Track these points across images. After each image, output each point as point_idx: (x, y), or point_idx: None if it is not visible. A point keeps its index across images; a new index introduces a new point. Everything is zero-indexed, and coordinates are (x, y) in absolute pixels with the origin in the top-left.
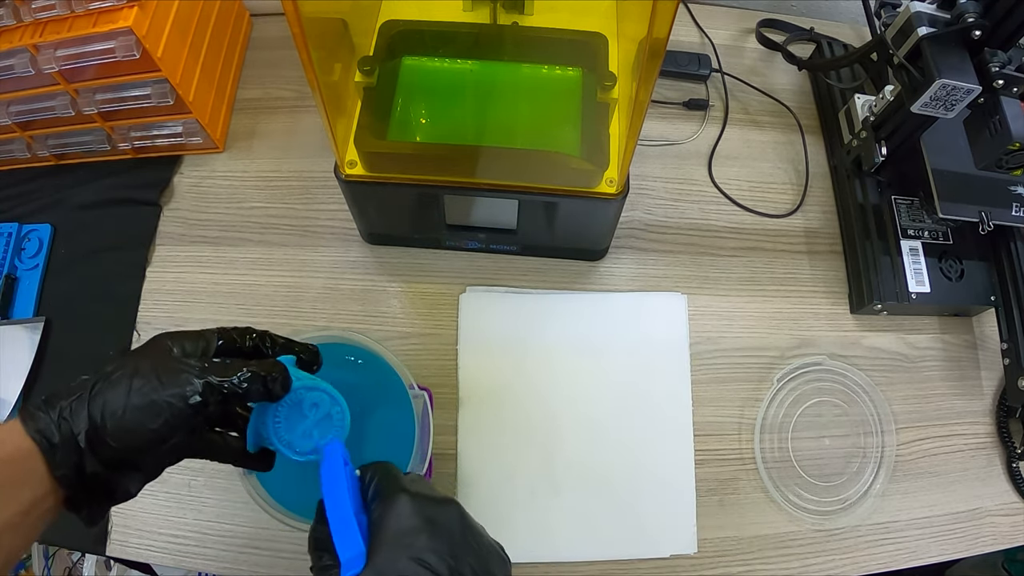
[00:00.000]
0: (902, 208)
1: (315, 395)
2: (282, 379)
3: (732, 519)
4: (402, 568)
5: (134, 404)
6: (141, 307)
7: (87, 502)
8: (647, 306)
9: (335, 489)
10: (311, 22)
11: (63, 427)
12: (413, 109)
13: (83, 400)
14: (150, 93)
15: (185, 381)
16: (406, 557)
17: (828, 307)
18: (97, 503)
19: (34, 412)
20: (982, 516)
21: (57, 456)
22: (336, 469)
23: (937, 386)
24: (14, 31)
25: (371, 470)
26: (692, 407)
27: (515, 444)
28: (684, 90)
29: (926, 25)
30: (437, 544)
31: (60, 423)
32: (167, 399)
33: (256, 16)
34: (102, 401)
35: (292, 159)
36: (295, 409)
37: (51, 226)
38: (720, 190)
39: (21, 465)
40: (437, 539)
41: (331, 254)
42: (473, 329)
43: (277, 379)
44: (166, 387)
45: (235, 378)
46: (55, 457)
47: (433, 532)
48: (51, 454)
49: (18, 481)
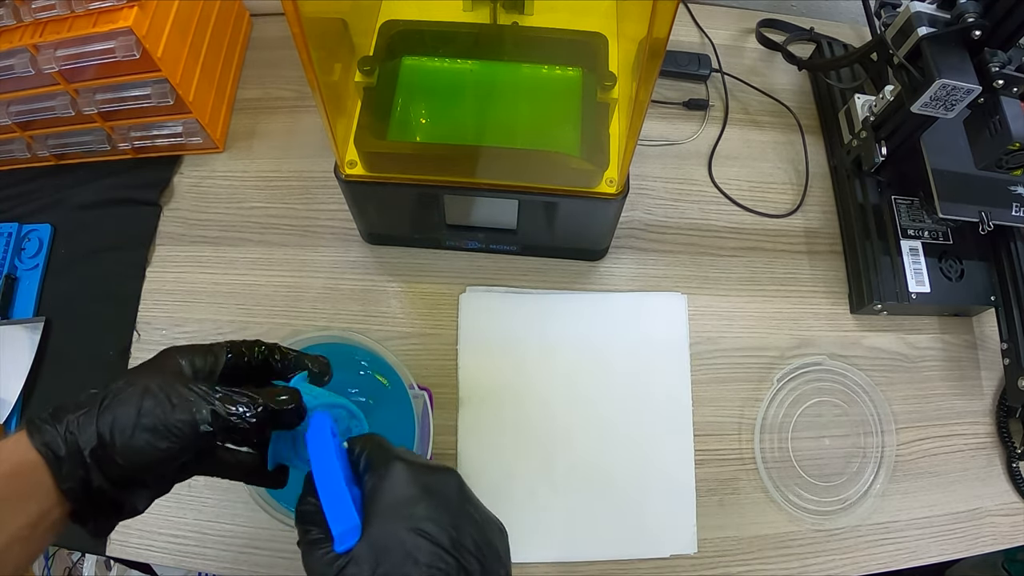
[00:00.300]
0: (902, 208)
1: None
2: (296, 409)
3: (732, 519)
4: (402, 538)
5: (143, 424)
6: (141, 307)
7: (94, 515)
8: (647, 306)
9: (324, 459)
10: (311, 22)
11: (70, 440)
12: (413, 109)
13: (91, 415)
14: (150, 93)
15: (196, 407)
16: (404, 528)
17: (828, 307)
18: (104, 517)
19: (40, 425)
20: (982, 516)
21: (63, 470)
22: (324, 439)
23: (937, 386)
24: (14, 31)
25: (360, 442)
26: (692, 407)
27: (515, 444)
28: (684, 90)
29: (926, 25)
30: (437, 513)
31: (67, 436)
32: (176, 423)
33: (256, 16)
34: (111, 418)
35: (292, 159)
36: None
37: (51, 226)
38: (720, 190)
39: (28, 478)
40: (436, 508)
41: (331, 254)
42: (473, 329)
43: (291, 410)
44: (176, 411)
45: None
46: (61, 471)
47: (432, 501)
48: (57, 467)
49: (25, 494)
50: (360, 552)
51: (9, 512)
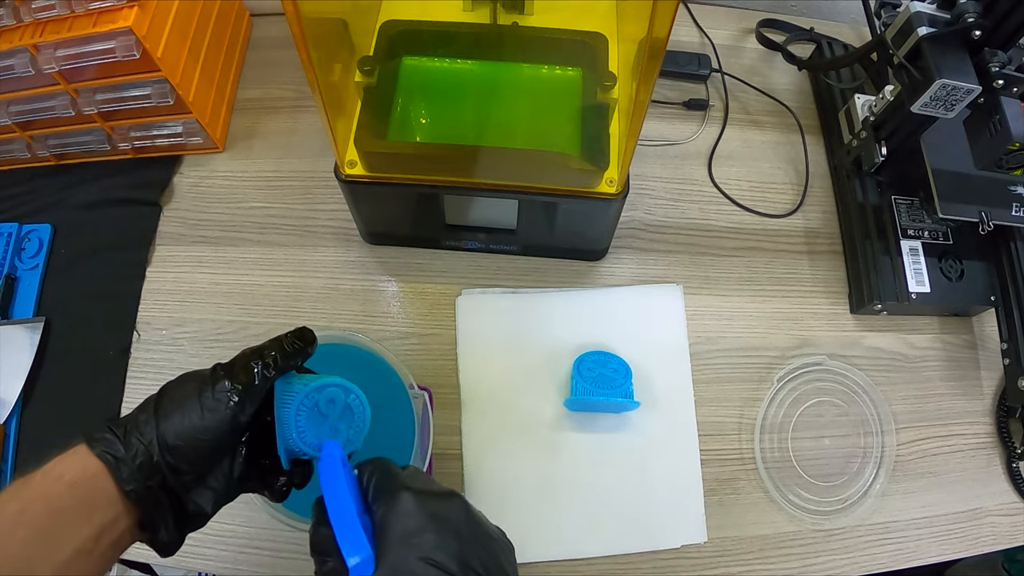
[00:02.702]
0: (902, 208)
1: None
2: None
3: (732, 519)
4: (413, 568)
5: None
6: (141, 307)
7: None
8: (644, 299)
9: (336, 491)
10: (311, 22)
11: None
12: (413, 109)
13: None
14: (150, 93)
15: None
16: (415, 557)
17: (828, 307)
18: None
19: (98, 436)
20: (982, 516)
21: (124, 472)
22: (335, 470)
23: (937, 386)
24: (14, 31)
25: (368, 468)
26: (694, 403)
27: (518, 444)
28: (684, 90)
29: (926, 25)
30: (444, 541)
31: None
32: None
33: (256, 16)
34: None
35: (292, 159)
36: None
37: (51, 226)
38: (720, 190)
39: (89, 486)
40: (444, 536)
41: (331, 254)
42: (471, 331)
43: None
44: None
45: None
46: (122, 473)
47: (439, 529)
48: (118, 470)
49: (88, 502)
50: None
51: (74, 522)
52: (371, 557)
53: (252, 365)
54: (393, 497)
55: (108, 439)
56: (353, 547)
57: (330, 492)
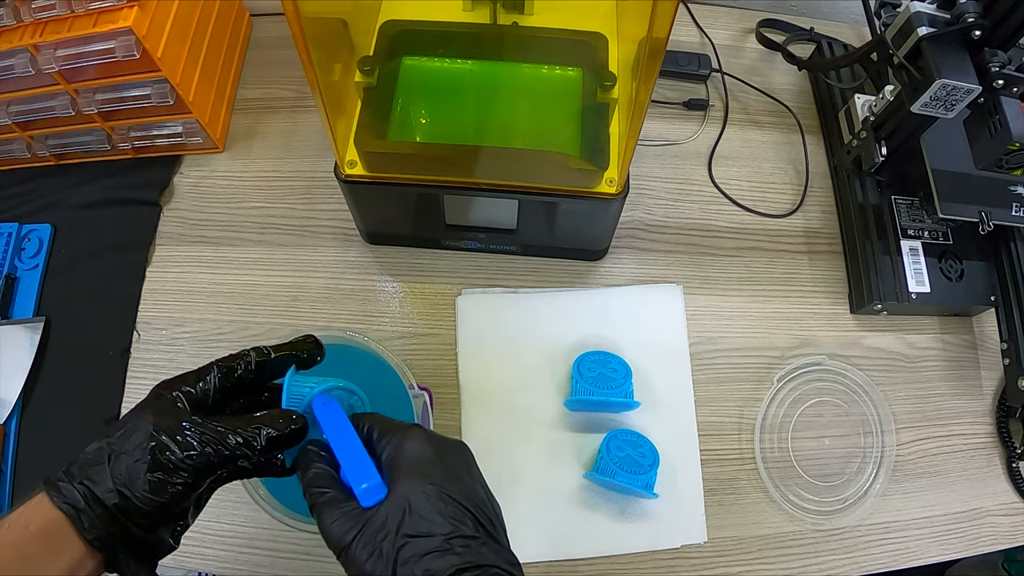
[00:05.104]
0: (902, 208)
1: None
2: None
3: (732, 519)
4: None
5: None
6: (141, 307)
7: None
8: (644, 298)
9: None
10: (311, 22)
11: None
12: (413, 109)
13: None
14: (150, 93)
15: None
16: (426, 485)
17: (828, 307)
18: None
19: (57, 483)
20: (982, 516)
21: (86, 523)
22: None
23: (937, 386)
24: (14, 31)
25: (364, 418)
26: (694, 403)
27: (518, 444)
28: (684, 90)
29: (926, 25)
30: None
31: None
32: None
33: (256, 16)
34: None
35: (292, 159)
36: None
37: (51, 226)
38: (720, 190)
39: (54, 535)
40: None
41: (331, 254)
42: (471, 331)
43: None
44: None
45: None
46: (84, 524)
47: (449, 462)
48: (80, 522)
49: (54, 550)
50: (387, 507)
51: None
52: (382, 483)
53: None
54: (404, 434)
55: (68, 489)
56: (363, 474)
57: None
